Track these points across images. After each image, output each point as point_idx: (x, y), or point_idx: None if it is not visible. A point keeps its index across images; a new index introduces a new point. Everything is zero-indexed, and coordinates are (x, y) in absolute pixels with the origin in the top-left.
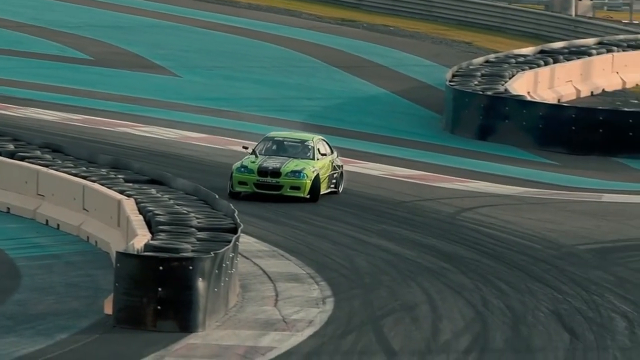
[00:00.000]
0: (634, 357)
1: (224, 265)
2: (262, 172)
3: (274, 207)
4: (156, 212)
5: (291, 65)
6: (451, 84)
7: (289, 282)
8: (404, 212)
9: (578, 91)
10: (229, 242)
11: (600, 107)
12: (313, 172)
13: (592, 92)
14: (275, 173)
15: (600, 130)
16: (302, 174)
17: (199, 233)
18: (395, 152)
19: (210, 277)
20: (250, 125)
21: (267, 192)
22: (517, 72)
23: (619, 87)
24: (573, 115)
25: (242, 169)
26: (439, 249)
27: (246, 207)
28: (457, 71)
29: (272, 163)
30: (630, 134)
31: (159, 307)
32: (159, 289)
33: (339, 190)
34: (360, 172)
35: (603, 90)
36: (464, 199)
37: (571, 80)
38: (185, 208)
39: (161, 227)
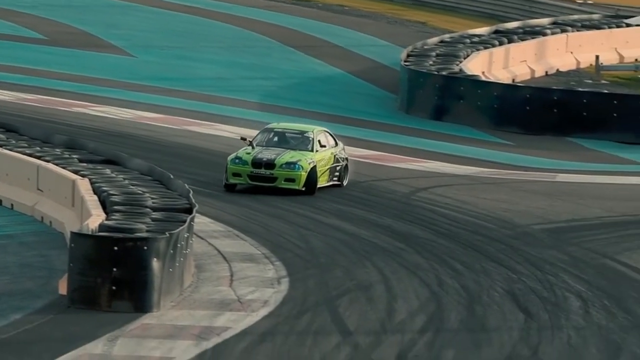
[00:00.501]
0: (588, 337)
1: (178, 245)
2: (256, 163)
3: (229, 187)
4: (111, 192)
5: (246, 45)
6: (406, 64)
7: (244, 262)
8: (360, 192)
9: (532, 71)
10: (184, 222)
11: (555, 87)
12: (309, 163)
13: (546, 72)
14: (270, 164)
15: (555, 110)
16: (297, 166)
17: (153, 213)
18: (351, 132)
19: (165, 258)
20: (205, 105)
21: (261, 184)
22: (472, 52)
23: (573, 67)
24: (527, 95)
25: (237, 160)
26: (394, 229)
27: (202, 186)
28: (411, 51)
29: (267, 154)
30: (585, 113)
31: (113, 288)
32: (114, 269)
33: (343, 184)
34: None
35: (557, 70)
36: (419, 179)
37: (526, 60)
38: (140, 188)
39: (116, 207)
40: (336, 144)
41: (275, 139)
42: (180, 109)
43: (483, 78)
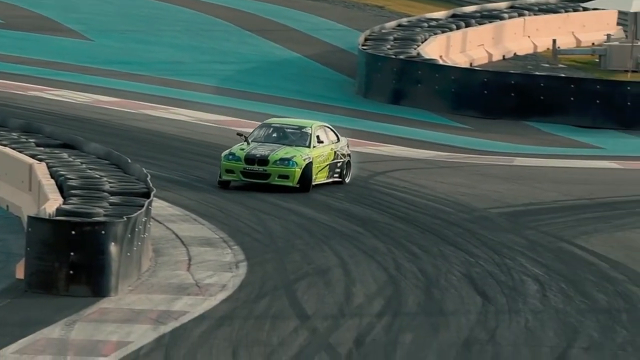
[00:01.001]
0: (545, 320)
1: (136, 229)
2: (250, 159)
3: (187, 171)
4: (68, 176)
5: (204, 29)
6: (364, 48)
7: (202, 247)
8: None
9: (490, 55)
10: (142, 206)
11: (512, 71)
12: (304, 160)
13: (504, 56)
14: (263, 161)
15: (512, 94)
16: (291, 162)
17: (111, 197)
18: (309, 116)
19: (122, 242)
20: (163, 89)
21: (254, 180)
22: (430, 36)
23: (530, 51)
24: (485, 79)
25: (230, 157)
26: (352, 213)
27: (160, 171)
28: (369, 35)
29: (261, 150)
30: (542, 97)
31: (71, 272)
32: (71, 254)
33: (344, 180)
34: None
35: (515, 54)
36: (377, 163)
37: (483, 44)
38: (97, 172)
39: (73, 191)
40: (338, 139)
41: (272, 134)
42: (137, 93)
43: (441, 62)
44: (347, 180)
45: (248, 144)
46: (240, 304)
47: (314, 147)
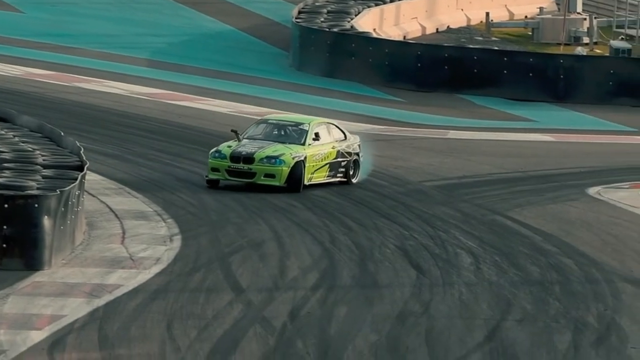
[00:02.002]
0: (479, 293)
1: (70, 202)
2: (235, 157)
3: (120, 144)
4: (0, 149)
5: (136, 1)
6: (297, 21)
7: (136, 220)
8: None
9: (423, 28)
10: (75, 179)
11: (446, 44)
12: (293, 158)
13: (437, 29)
14: (248, 158)
15: (446, 67)
16: (278, 160)
17: (44, 170)
18: (242, 89)
19: (56, 215)
20: (96, 62)
21: (239, 179)
22: (363, 9)
23: (463, 24)
24: (419, 52)
25: (216, 154)
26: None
27: (93, 144)
28: (303, 8)
29: (248, 148)
30: (475, 70)
31: (4, 245)
32: (4, 227)
33: (351, 181)
34: (208, 110)
35: (448, 27)
36: None
37: (416, 17)
38: (30, 145)
39: (6, 164)
40: (345, 137)
41: (268, 131)
42: (70, 66)
43: (374, 35)
44: (355, 180)
45: (239, 141)
46: (175, 277)
47: (309, 145)
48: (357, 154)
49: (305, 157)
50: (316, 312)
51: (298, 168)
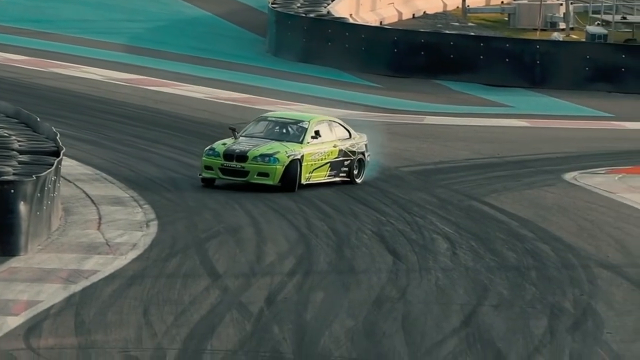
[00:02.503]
0: (455, 278)
1: (46, 188)
2: (228, 155)
3: (97, 130)
4: None
5: None
6: (274, 6)
7: (113, 206)
8: (228, 135)
9: (400, 13)
10: (51, 165)
11: (422, 30)
12: (289, 156)
13: (413, 15)
14: (242, 157)
15: (422, 53)
16: (272, 159)
17: (20, 156)
18: (219, 74)
19: (32, 201)
20: (72, 47)
21: (232, 178)
22: None
23: (440, 9)
24: (395, 38)
25: (210, 152)
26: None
27: (70, 129)
28: None
29: (243, 146)
30: (451, 56)
31: None
32: None
33: (356, 180)
34: (184, 95)
35: (425, 12)
36: None
37: (393, 3)
38: (6, 131)
39: None
40: (350, 136)
41: (266, 129)
42: (47, 51)
43: (351, 20)
44: (359, 180)
45: (235, 138)
46: (151, 262)
47: (307, 143)
48: (362, 153)
49: (302, 156)
50: (293, 298)
51: (293, 167)
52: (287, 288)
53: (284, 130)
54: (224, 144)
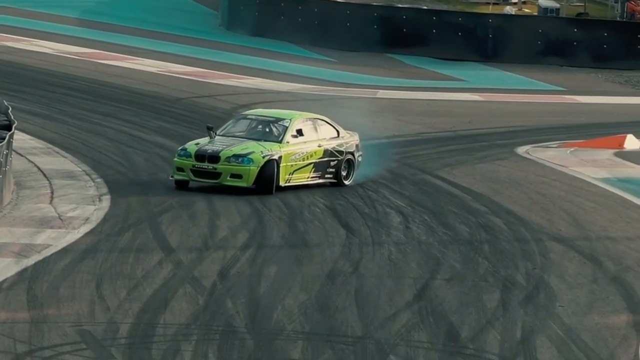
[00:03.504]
0: (408, 252)
1: None
2: (200, 156)
3: (49, 104)
4: None
5: None
6: None
7: (65, 180)
8: (181, 109)
9: None
10: (3, 139)
11: (375, 4)
12: (264, 157)
13: None
14: (214, 157)
15: (375, 27)
16: (246, 159)
17: None
18: (171, 48)
19: None
20: (24, 20)
21: (204, 180)
22: None
23: None
24: (348, 12)
25: (181, 152)
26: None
27: (22, 103)
28: None
29: (216, 145)
30: (404, 30)
31: None
32: None
33: (344, 182)
34: (136, 69)
35: None
36: (240, 96)
37: None
38: None
39: None
40: (338, 135)
41: (245, 127)
42: None
43: None
44: (348, 182)
45: (211, 138)
46: (104, 237)
47: (287, 142)
48: (352, 153)
49: (281, 156)
50: (246, 272)
51: (269, 168)
52: (240, 262)
53: (264, 129)
54: (197, 143)
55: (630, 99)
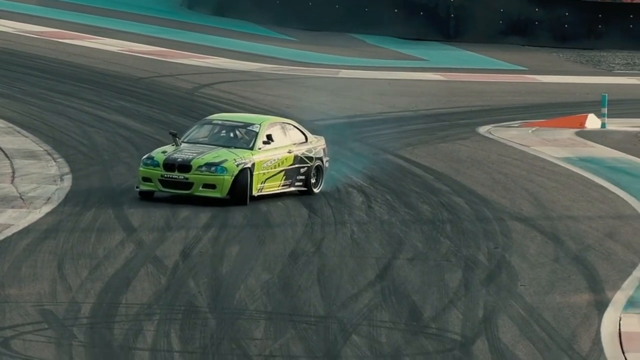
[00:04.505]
0: (371, 231)
1: None
2: (169, 165)
3: (10, 83)
4: None
5: None
6: None
7: (26, 159)
8: (142, 89)
9: None
10: None
11: None
12: (238, 165)
13: None
14: (184, 166)
15: (337, 6)
16: (219, 168)
17: None
18: (133, 27)
19: None
20: None
21: (173, 190)
22: None
23: None
24: None
25: (148, 161)
26: (177, 125)
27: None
28: None
29: (185, 154)
30: (366, 9)
31: None
32: None
33: (313, 190)
34: (97, 48)
35: None
36: (202, 75)
37: None
38: None
39: None
40: (306, 139)
41: (212, 133)
42: None
43: None
44: (317, 190)
45: (177, 145)
46: (66, 216)
47: (259, 149)
48: (321, 159)
49: (254, 164)
50: (208, 252)
51: (243, 177)
52: (202, 242)
53: (232, 135)
54: (164, 151)
55: (592, 79)
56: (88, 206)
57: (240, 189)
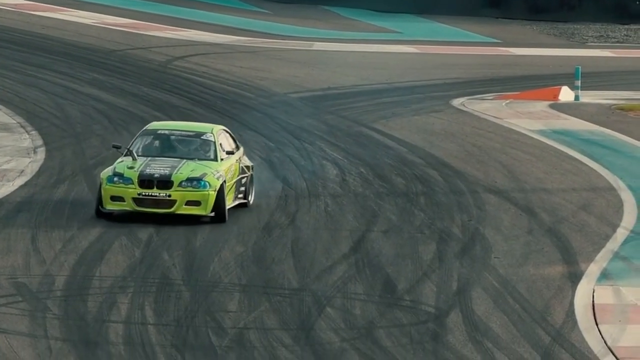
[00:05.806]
0: (345, 204)
1: None
2: (145, 181)
3: None
4: None
5: None
6: None
7: None
8: (115, 61)
9: None
10: None
11: None
12: (217, 178)
13: None
14: (164, 182)
15: None
16: (203, 182)
17: None
18: (105, 0)
19: None
20: None
21: (152, 210)
22: None
23: None
24: None
25: (115, 179)
26: (151, 98)
27: None
28: None
29: (158, 167)
30: None
31: None
32: None
33: (249, 201)
34: (70, 21)
35: None
36: (175, 48)
37: None
38: None
39: None
40: (237, 147)
41: (162, 144)
42: None
43: None
44: (251, 200)
45: (134, 159)
46: (39, 189)
47: (221, 159)
48: (252, 167)
49: (224, 177)
50: (182, 224)
51: (221, 191)
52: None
53: (185, 146)
54: (130, 167)
55: (565, 51)
56: (61, 179)
57: (221, 205)
